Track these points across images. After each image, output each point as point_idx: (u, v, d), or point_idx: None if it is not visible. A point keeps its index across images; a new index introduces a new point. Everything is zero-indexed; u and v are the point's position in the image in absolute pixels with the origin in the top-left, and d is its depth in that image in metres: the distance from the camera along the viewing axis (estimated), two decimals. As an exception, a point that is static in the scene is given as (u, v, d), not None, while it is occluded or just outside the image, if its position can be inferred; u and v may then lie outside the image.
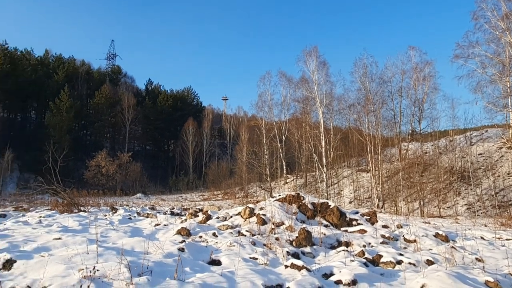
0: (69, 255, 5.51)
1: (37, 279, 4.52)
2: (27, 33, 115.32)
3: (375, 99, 23.72)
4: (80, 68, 49.49)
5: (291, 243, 6.80)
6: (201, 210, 11.14)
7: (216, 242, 6.95)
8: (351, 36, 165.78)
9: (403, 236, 7.48)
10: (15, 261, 5.27)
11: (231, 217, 8.88)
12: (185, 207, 16.85)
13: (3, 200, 23.23)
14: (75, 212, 12.78)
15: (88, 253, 5.57)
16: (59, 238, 7.00)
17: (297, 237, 6.81)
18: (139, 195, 29.14)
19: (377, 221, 8.62)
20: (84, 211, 13.27)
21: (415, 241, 7.10)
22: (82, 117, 45.37)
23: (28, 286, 4.36)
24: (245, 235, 7.27)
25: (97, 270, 4.48)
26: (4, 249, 6.15)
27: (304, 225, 7.35)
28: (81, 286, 4.05)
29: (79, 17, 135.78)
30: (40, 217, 11.28)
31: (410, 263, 5.78)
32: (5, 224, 9.81)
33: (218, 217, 9.05)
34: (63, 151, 21.46)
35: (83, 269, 4.61)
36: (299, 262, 5.39)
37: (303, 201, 8.40)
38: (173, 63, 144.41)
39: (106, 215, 12.28)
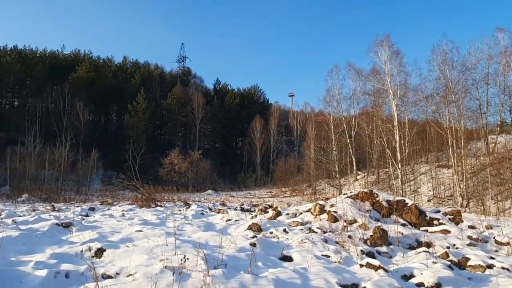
0: (150, 246, 5.86)
1: (124, 267, 4.86)
2: (108, 42, 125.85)
3: (456, 88, 21.75)
4: (154, 71, 52.88)
5: (365, 241, 6.53)
6: (270, 206, 11.23)
7: (287, 238, 6.93)
8: (425, 24, 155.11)
9: (493, 238, 6.78)
10: (104, 250, 5.74)
11: (301, 213, 8.79)
12: (254, 203, 17.12)
13: (91, 195, 25.58)
14: (153, 207, 13.63)
15: (167, 245, 5.87)
16: (141, 231, 7.48)
17: (371, 235, 6.52)
18: (209, 191, 30.27)
19: (462, 221, 7.94)
20: (161, 206, 14.13)
21: (508, 243, 6.39)
22: (156, 118, 48.43)
23: (116, 273, 4.72)
24: (316, 232, 7.14)
25: (184, 261, 4.67)
26: (95, 239, 6.75)
27: (378, 224, 7.02)
28: (162, 275, 4.27)
29: (153, 22, 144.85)
30: (123, 211, 12.23)
31: (503, 268, 5.21)
32: (94, 217, 10.80)
33: (287, 214, 9.03)
34: (141, 150, 23.03)
35: (163, 259, 4.88)
36: (375, 262, 5.14)
37: (377, 199, 8.03)
38: (240, 62, 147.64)
39: (180, 210, 12.95)
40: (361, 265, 5.21)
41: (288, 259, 5.77)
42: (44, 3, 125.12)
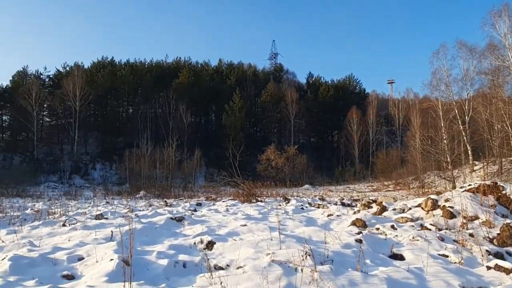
0: (256, 240, 6.01)
1: (234, 259, 5.06)
2: (204, 47, 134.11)
3: None
4: (247, 71, 54.71)
5: (490, 241, 5.76)
6: (374, 201, 10.68)
7: (396, 235, 6.47)
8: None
9: None
10: (214, 243, 6.06)
11: (410, 209, 8.15)
12: (354, 198, 16.53)
13: (196, 191, 27.49)
14: (253, 202, 14.06)
15: (271, 239, 5.95)
16: (245, 225, 7.74)
17: (498, 234, 5.72)
18: (306, 186, 30.18)
19: None
20: (261, 201, 14.51)
21: None
22: (252, 116, 50.02)
23: (227, 265, 4.93)
24: (430, 229, 6.53)
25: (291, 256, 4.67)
26: (205, 232, 7.18)
27: (507, 221, 6.11)
28: (271, 269, 4.32)
29: (244, 21, 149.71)
30: (227, 206, 12.86)
31: None
32: (201, 212, 11.56)
33: (394, 209, 8.46)
34: (239, 148, 23.99)
35: (269, 253, 4.94)
36: (506, 264, 4.48)
37: (503, 192, 7.01)
38: (333, 53, 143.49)
39: (280, 205, 13.11)
40: (489, 267, 4.60)
41: (399, 257, 5.38)
42: (149, 21, 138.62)
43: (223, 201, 15.16)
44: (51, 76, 50.35)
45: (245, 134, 44.72)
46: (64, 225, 8.25)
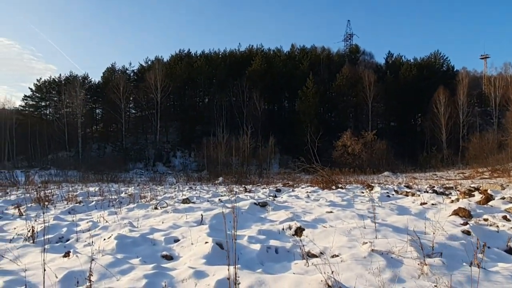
0: (347, 228, 5.70)
1: (327, 247, 4.83)
2: (277, 33, 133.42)
3: None
4: (321, 54, 53.28)
5: None
6: (476, 188, 9.60)
7: (511, 228, 5.68)
8: None
9: None
10: (303, 229, 5.88)
11: (523, 198, 7.13)
12: (446, 185, 15.17)
13: (271, 178, 27.64)
14: (333, 189, 13.61)
15: (365, 228, 5.60)
16: (331, 212, 7.44)
17: None
18: (386, 173, 28.61)
19: None
20: (341, 188, 13.99)
21: None
22: (326, 101, 48.71)
23: (320, 252, 4.72)
24: (554, 222, 5.61)
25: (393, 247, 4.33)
26: (290, 218, 7.03)
27: None
28: (371, 259, 4.01)
29: (317, 4, 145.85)
30: (307, 192, 12.61)
31: None
32: (282, 197, 11.47)
33: (503, 198, 7.48)
34: (315, 134, 23.48)
35: (366, 242, 4.62)
36: None
37: None
38: (415, 28, 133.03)
39: (363, 192, 12.50)
40: None
41: (519, 253, 4.68)
42: (221, 12, 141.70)
43: (302, 188, 14.94)
44: (135, 70, 54.35)
45: (320, 120, 43.78)
46: (156, 208, 8.72)
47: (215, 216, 7.01)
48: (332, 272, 3.34)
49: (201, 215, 6.83)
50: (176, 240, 5.39)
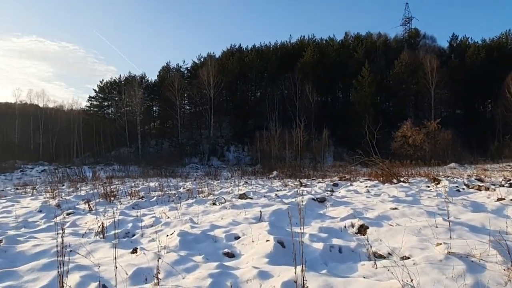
0: (416, 227, 5.32)
1: (395, 247, 4.52)
2: (329, 22, 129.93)
3: None
4: (377, 41, 50.96)
5: None
6: None
7: None
8: None
9: None
10: (367, 227, 5.59)
11: None
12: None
13: (326, 171, 27.04)
14: (395, 183, 12.93)
15: (436, 226, 5.19)
16: (395, 208, 7.02)
17: None
18: (452, 164, 26.72)
19: None
20: (404, 181, 13.25)
21: None
22: (383, 90, 46.60)
23: (389, 253, 4.43)
24: None
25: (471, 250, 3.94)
26: (350, 214, 6.74)
27: None
28: (448, 263, 3.65)
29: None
30: (367, 186, 12.10)
31: None
32: (340, 192, 11.10)
33: None
34: (375, 125, 22.43)
35: (440, 243, 4.25)
36: None
37: None
38: (482, 7, 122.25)
39: (428, 186, 11.74)
40: None
41: None
42: (272, 5, 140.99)
43: (360, 182, 14.40)
44: (188, 68, 55.91)
45: (376, 110, 41.97)
46: (214, 203, 8.83)
47: (274, 213, 6.91)
48: (411, 280, 3.06)
49: (260, 211, 6.77)
50: (237, 237, 5.36)
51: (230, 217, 7.02)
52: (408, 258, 4.14)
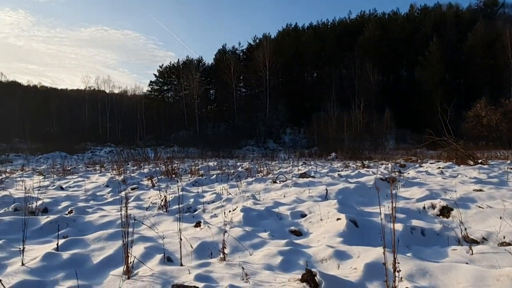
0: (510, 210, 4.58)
1: (490, 232, 3.87)
2: None
3: None
4: (447, 12, 46.73)
5: None
6: None
7: None
8: None
9: None
10: (451, 209, 4.94)
11: None
12: None
13: (389, 154, 25.62)
14: (471, 165, 11.74)
15: (537, 211, 4.41)
16: (480, 190, 6.21)
17: None
18: (535, 147, 23.97)
19: None
20: (482, 163, 11.97)
21: None
22: (453, 66, 42.78)
23: (483, 238, 3.80)
24: None
25: None
26: (427, 196, 6.11)
27: None
28: None
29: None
30: (439, 168, 11.09)
31: None
32: (409, 173, 10.26)
33: None
34: (444, 104, 20.61)
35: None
36: None
37: None
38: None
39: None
40: None
41: None
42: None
43: (431, 163, 13.30)
44: (244, 50, 55.77)
45: (445, 88, 38.72)
46: (274, 182, 8.52)
47: (341, 191, 6.44)
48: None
49: (326, 189, 6.32)
50: (303, 215, 4.99)
51: (293, 195, 6.68)
52: (510, 244, 3.50)
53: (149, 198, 7.18)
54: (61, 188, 8.25)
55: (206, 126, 50.60)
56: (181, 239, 3.20)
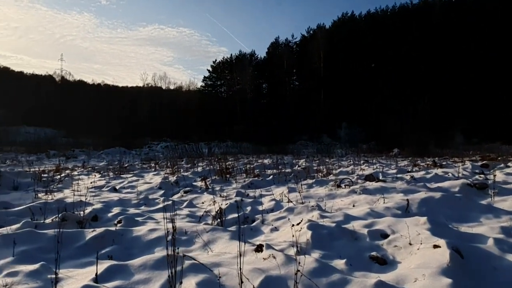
0: None
1: None
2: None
3: None
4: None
5: None
6: None
7: None
8: None
9: None
10: None
11: None
12: None
13: (461, 150, 23.41)
14: None
15: None
16: None
17: None
18: None
19: None
20: None
21: None
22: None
23: None
24: None
25: None
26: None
27: None
28: None
29: None
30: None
31: None
32: (496, 176, 8.81)
33: None
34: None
35: None
36: None
37: None
38: None
39: None
40: None
41: None
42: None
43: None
44: (297, 42, 54.26)
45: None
46: (339, 186, 7.62)
47: (424, 202, 5.40)
48: None
49: (407, 200, 5.32)
50: (384, 235, 4.07)
51: (364, 204, 5.77)
52: None
53: (203, 203, 6.66)
54: (115, 190, 8.03)
55: (259, 121, 50.18)
56: (241, 274, 2.50)
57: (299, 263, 2.74)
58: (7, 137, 32.67)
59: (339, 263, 3.28)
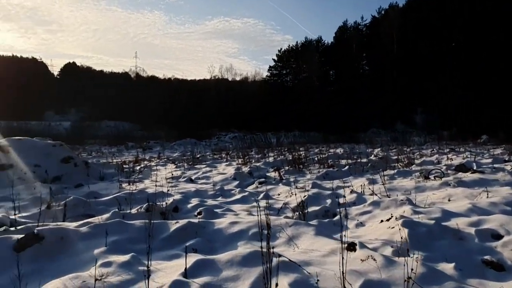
0: None
1: None
2: None
3: None
4: None
5: None
6: None
7: None
8: None
9: None
10: None
11: None
12: None
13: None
14: None
15: None
16: None
17: None
18: None
19: None
20: None
21: None
22: None
23: None
24: None
25: None
26: None
27: None
28: None
29: None
30: None
31: None
32: None
33: None
34: None
35: None
36: None
37: None
38: None
39: None
40: None
41: None
42: None
43: None
44: (367, 24, 51.43)
45: None
46: (427, 177, 6.92)
47: None
48: None
49: (518, 194, 4.59)
50: (496, 236, 3.51)
51: (462, 199, 5.12)
52: None
53: (279, 195, 6.46)
54: (191, 180, 8.17)
55: (327, 109, 48.86)
56: (344, 279, 2.22)
57: (411, 268, 2.36)
58: (91, 131, 35.73)
59: (447, 268, 2.84)
